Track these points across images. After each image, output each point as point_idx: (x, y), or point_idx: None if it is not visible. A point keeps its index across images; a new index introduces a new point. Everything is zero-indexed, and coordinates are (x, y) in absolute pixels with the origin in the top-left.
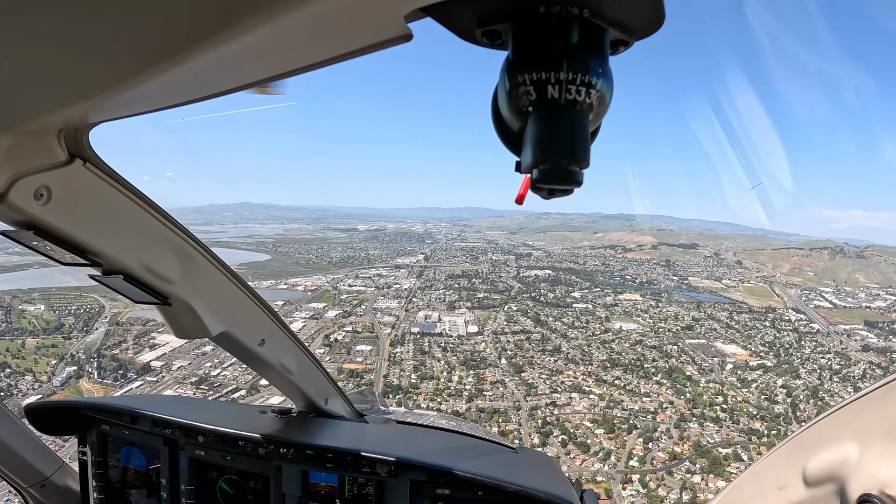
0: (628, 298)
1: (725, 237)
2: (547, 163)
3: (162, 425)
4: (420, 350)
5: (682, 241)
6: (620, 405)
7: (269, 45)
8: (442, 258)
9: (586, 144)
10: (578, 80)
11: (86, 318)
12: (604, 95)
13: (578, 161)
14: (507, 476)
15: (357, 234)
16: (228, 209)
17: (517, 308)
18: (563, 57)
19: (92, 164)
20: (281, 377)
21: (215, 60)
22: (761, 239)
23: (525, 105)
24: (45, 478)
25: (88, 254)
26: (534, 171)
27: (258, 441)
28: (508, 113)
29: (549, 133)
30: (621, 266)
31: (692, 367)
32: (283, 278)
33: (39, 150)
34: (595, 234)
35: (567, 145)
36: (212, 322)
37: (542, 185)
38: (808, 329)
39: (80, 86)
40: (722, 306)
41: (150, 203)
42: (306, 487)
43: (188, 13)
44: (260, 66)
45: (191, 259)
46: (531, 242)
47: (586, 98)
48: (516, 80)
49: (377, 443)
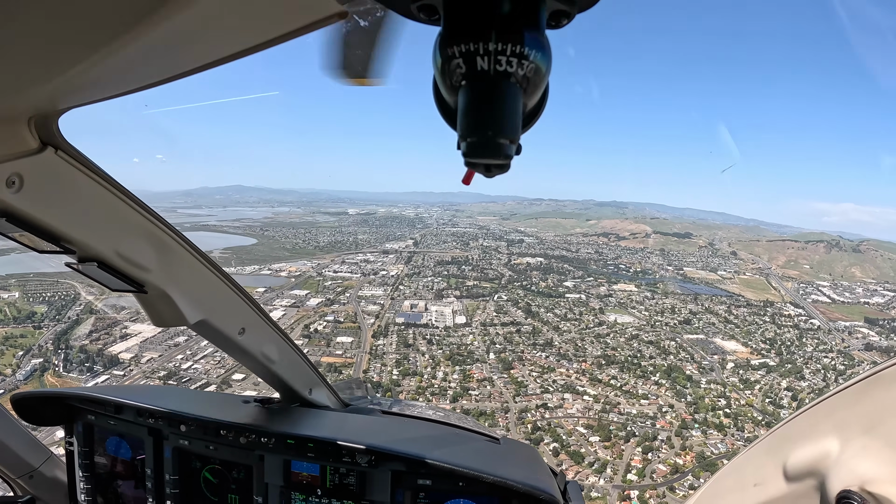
0: (623, 289)
1: (719, 227)
2: (474, 136)
3: (146, 415)
4: (404, 342)
5: (675, 230)
6: (617, 408)
7: (215, 21)
8: (432, 244)
9: (515, 117)
10: (509, 50)
11: (59, 307)
12: (539, 67)
13: (507, 133)
14: (488, 467)
15: (347, 217)
16: (219, 192)
17: (508, 298)
18: (492, 26)
19: (64, 152)
20: (262, 367)
21: (168, 37)
22: (755, 230)
23: (457, 79)
24: (32, 468)
25: (62, 241)
26: (462, 145)
27: (241, 430)
28: (444, 89)
29: (477, 105)
30: (615, 254)
31: (692, 366)
32: (267, 263)
33: (10, 138)
34: (588, 222)
35: (494, 117)
36: (189, 310)
37: (470, 160)
38: (808, 325)
39: (40, 66)
40: (719, 299)
41: (124, 191)
42: (288, 477)
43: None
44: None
45: (166, 247)
46: (523, 228)
47: (518, 69)
48: (447, 54)
49: (358, 433)
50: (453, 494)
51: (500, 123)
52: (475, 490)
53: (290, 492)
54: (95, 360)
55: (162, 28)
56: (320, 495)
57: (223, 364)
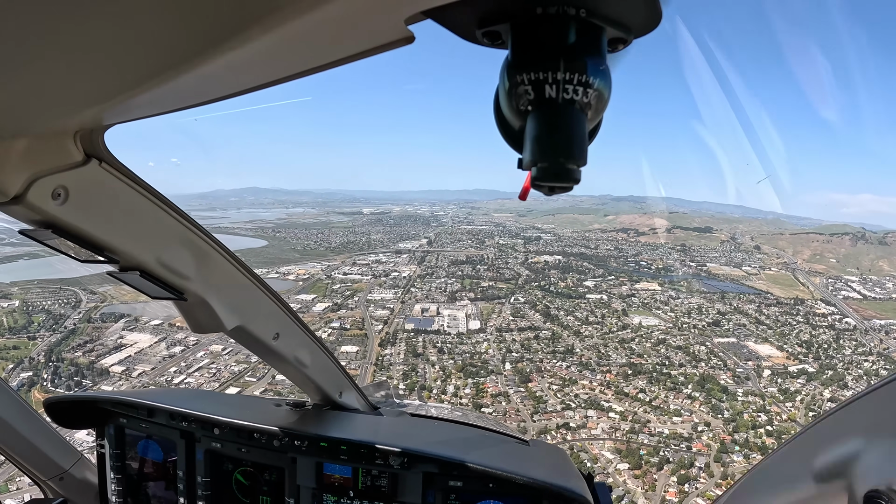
0: (646, 288)
1: (739, 221)
2: (545, 161)
3: (178, 418)
4: (413, 352)
5: (695, 224)
6: (647, 428)
7: (274, 50)
8: (446, 242)
9: (583, 143)
10: (576, 79)
11: (58, 316)
12: (602, 93)
13: (576, 160)
14: (518, 468)
15: (361, 217)
16: (235, 194)
17: (525, 299)
18: (560, 57)
19: (108, 164)
20: (296, 370)
21: (223, 65)
22: (775, 223)
23: (524, 104)
24: (63, 470)
25: (105, 251)
26: (533, 170)
27: (273, 433)
28: (509, 112)
29: (547, 132)
30: (635, 251)
31: (725, 374)
32: (275, 266)
33: (56, 152)
34: (606, 217)
35: (564, 145)
36: (226, 316)
37: (541, 183)
38: (843, 325)
39: (94, 91)
40: (748, 297)
41: (165, 200)
42: (320, 479)
43: (198, 20)
44: (266, 69)
45: (205, 255)
46: (540, 225)
47: (584, 97)
48: (515, 80)
49: (390, 435)
50: (484, 496)
51: (571, 150)
52: (505, 491)
53: (321, 494)
54: (85, 373)
55: (220, 58)
56: (352, 497)
57: (218, 378)
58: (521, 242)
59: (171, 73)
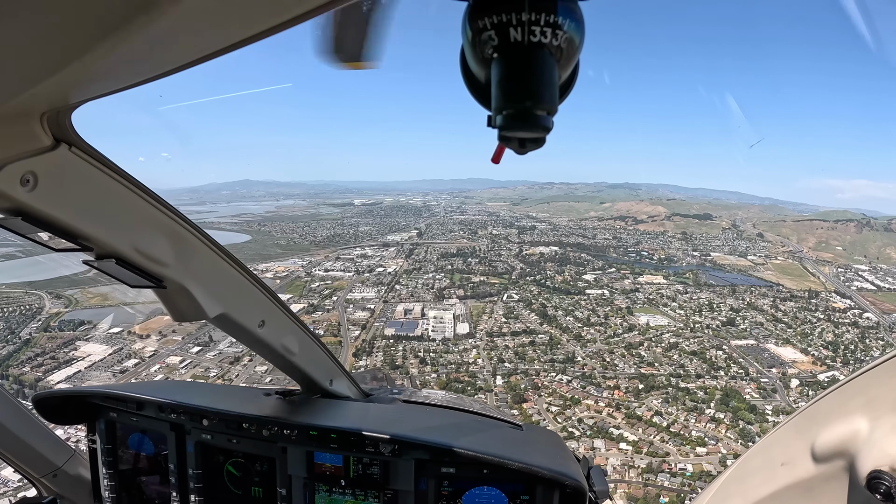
0: (650, 281)
1: (737, 207)
2: (510, 106)
3: (167, 410)
4: (391, 363)
5: (694, 211)
6: (665, 462)
7: (226, 9)
8: (437, 233)
9: (553, 87)
10: (543, 20)
11: (14, 325)
12: (573, 38)
13: (544, 103)
14: (512, 453)
15: (352, 208)
16: (226, 187)
17: (519, 297)
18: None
19: (78, 148)
20: (283, 359)
21: (171, 28)
22: (773, 209)
23: (489, 51)
24: (56, 467)
25: (79, 239)
26: (497, 118)
27: (262, 423)
28: (474, 63)
29: (512, 75)
30: (634, 240)
31: (750, 387)
32: (255, 263)
33: (23, 136)
34: (602, 205)
35: (531, 86)
36: (209, 304)
37: (507, 133)
38: (866, 322)
39: (48, 59)
40: (759, 290)
41: (140, 186)
42: (311, 468)
43: None
44: (222, 32)
45: (184, 241)
46: (534, 214)
47: (553, 40)
48: (478, 26)
49: (381, 422)
50: (477, 482)
51: (538, 93)
52: (499, 477)
53: (313, 483)
54: (27, 393)
55: (168, 16)
56: (344, 486)
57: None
58: (515, 232)
59: (122, 33)
